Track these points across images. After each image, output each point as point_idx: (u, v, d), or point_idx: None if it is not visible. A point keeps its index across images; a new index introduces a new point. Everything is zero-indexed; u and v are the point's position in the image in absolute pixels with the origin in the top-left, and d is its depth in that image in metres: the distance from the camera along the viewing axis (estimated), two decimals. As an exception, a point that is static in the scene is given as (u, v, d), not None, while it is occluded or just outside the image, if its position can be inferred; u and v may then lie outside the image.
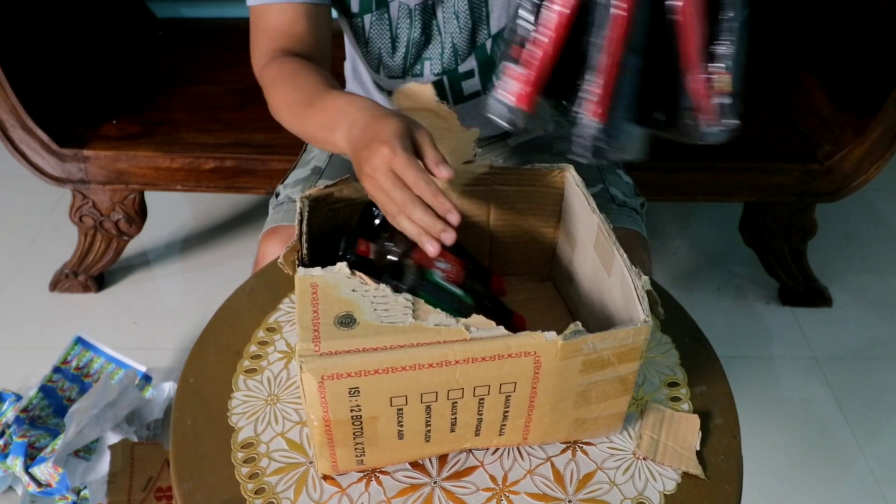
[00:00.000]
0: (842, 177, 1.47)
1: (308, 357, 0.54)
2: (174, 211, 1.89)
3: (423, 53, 0.99)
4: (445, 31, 0.97)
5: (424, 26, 0.96)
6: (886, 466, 1.36)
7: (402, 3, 0.94)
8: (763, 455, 1.36)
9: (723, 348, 0.79)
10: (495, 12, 0.96)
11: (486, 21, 0.97)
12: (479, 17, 0.96)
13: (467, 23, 0.96)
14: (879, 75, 1.40)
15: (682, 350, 0.76)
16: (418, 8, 0.94)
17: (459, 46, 0.98)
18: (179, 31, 1.86)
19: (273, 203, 1.07)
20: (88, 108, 1.55)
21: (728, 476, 0.65)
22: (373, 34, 0.97)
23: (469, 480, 0.64)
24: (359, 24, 0.97)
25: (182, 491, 0.63)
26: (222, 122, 1.53)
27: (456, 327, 0.57)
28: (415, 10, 0.94)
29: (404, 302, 0.59)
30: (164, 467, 1.15)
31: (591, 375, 0.60)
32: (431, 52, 0.99)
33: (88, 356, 1.44)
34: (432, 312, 0.59)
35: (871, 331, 1.64)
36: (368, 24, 0.96)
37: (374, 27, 0.97)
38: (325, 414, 0.57)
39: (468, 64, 1.01)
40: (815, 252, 1.66)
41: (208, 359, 0.74)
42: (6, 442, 1.25)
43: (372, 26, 0.97)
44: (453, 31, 0.97)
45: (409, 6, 0.94)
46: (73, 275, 1.64)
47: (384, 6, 0.94)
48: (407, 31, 0.96)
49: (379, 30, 0.97)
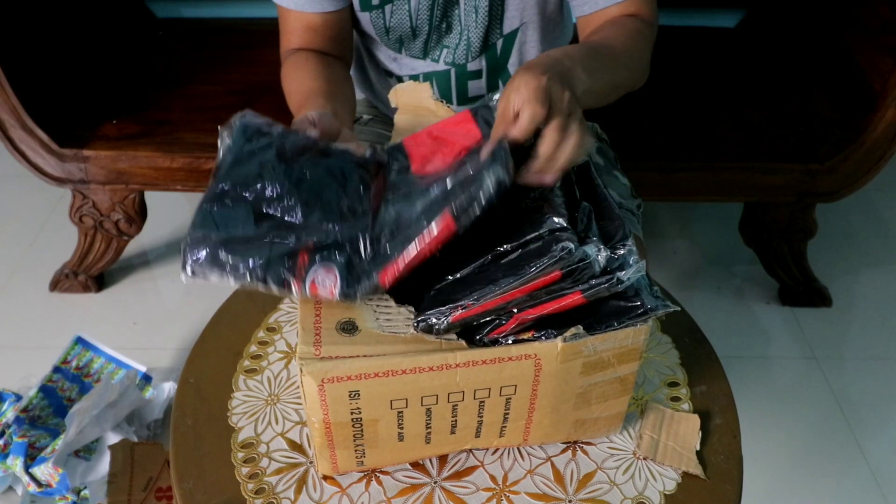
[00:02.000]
0: (842, 177, 1.47)
1: (309, 360, 0.54)
2: (174, 211, 1.89)
3: (443, 40, 1.00)
4: (465, 24, 0.97)
5: (444, 14, 0.96)
6: (886, 466, 1.36)
7: None
8: (763, 455, 1.36)
9: (723, 348, 0.79)
10: (509, 12, 0.96)
11: (501, 21, 0.97)
12: (495, 14, 0.97)
13: (485, 19, 0.96)
14: (879, 75, 1.40)
15: (682, 350, 0.76)
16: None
17: (473, 42, 0.99)
18: (179, 31, 1.86)
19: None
20: (88, 108, 1.55)
21: (728, 476, 0.65)
22: (393, 24, 0.98)
23: (469, 480, 0.64)
24: (379, 16, 0.98)
25: (182, 491, 0.63)
26: (222, 122, 1.52)
27: (457, 341, 0.57)
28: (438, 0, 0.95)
29: (406, 312, 0.58)
30: (164, 467, 1.15)
31: (591, 377, 0.60)
32: (450, 41, 1.00)
33: (88, 356, 1.44)
34: None
35: (871, 331, 1.64)
36: (389, 14, 0.97)
37: (395, 16, 0.97)
38: (326, 416, 0.57)
39: (478, 63, 1.01)
40: (815, 252, 1.66)
41: (208, 359, 0.74)
42: (6, 442, 1.25)
43: (393, 15, 0.97)
44: (471, 24, 0.97)
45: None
46: (73, 275, 1.64)
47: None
48: (427, 20, 0.97)
49: (400, 19, 0.97)
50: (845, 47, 1.55)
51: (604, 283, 0.55)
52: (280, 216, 0.62)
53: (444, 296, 0.58)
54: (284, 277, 0.58)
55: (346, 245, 0.60)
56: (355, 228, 0.61)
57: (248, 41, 1.77)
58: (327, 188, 0.65)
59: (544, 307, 0.56)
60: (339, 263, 0.59)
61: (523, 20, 0.98)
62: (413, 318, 0.58)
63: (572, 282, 0.55)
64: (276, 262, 0.58)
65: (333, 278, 0.58)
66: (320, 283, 0.58)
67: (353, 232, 0.61)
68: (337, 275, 0.58)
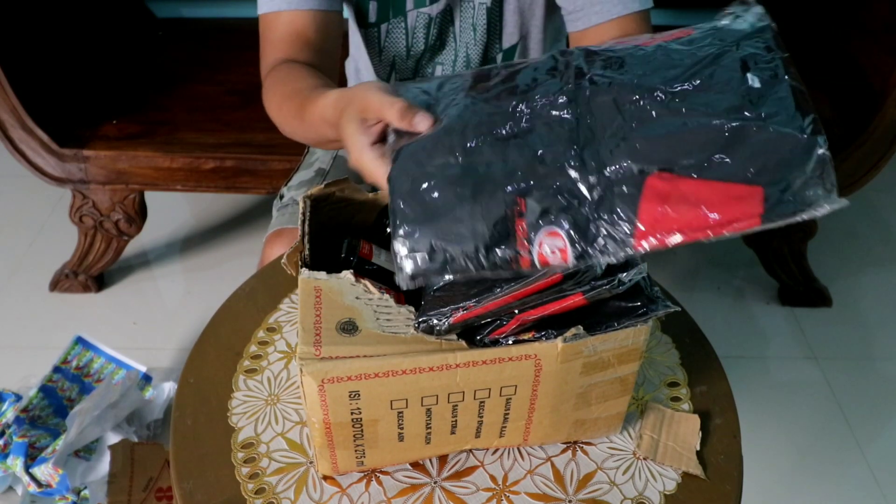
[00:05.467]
0: (842, 177, 1.47)
1: (309, 360, 0.54)
2: (174, 211, 1.89)
3: (436, 58, 0.99)
4: (461, 41, 0.97)
5: (441, 33, 0.96)
6: (886, 466, 1.36)
7: (420, 13, 0.94)
8: (763, 455, 1.36)
9: (723, 348, 0.79)
10: (508, 28, 0.96)
11: (500, 37, 0.97)
12: (494, 31, 0.96)
13: (483, 36, 0.96)
14: (879, 75, 1.40)
15: (682, 350, 0.76)
16: (438, 17, 0.94)
17: (473, 58, 0.98)
18: (179, 31, 1.86)
19: (277, 205, 1.06)
20: (88, 108, 1.55)
21: (728, 476, 0.65)
22: (388, 43, 0.97)
23: (469, 480, 0.64)
24: (374, 34, 0.97)
25: (182, 491, 0.63)
26: (222, 122, 1.53)
27: (457, 341, 0.57)
28: (435, 19, 0.94)
29: (407, 312, 0.58)
30: (164, 467, 1.15)
31: (591, 377, 0.60)
32: (444, 57, 0.99)
33: (88, 356, 1.44)
34: None
35: (871, 331, 1.64)
36: (384, 33, 0.96)
37: (391, 35, 0.96)
38: (326, 416, 0.57)
39: None
40: (815, 252, 1.66)
41: (208, 359, 0.74)
42: (6, 442, 1.25)
43: (388, 35, 0.96)
44: (468, 41, 0.97)
45: (431, 15, 0.94)
46: (73, 275, 1.64)
47: (402, 15, 0.94)
48: (423, 38, 0.96)
49: (395, 38, 0.97)
50: (845, 47, 1.55)
51: (605, 285, 0.55)
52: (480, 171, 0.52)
53: (445, 296, 0.58)
54: (508, 258, 0.51)
55: (563, 192, 0.50)
56: (563, 160, 0.50)
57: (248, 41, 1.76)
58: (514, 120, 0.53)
59: (545, 308, 0.56)
60: (561, 218, 0.50)
61: (522, 34, 0.98)
62: (413, 319, 0.58)
63: (574, 283, 0.55)
64: (494, 241, 0.51)
65: (562, 242, 0.50)
66: (548, 253, 0.50)
67: (562, 168, 0.50)
68: (563, 236, 0.50)
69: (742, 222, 0.47)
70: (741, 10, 0.55)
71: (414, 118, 0.55)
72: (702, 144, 0.48)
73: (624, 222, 0.49)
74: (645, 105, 0.50)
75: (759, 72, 0.49)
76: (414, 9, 0.93)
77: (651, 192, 0.48)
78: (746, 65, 0.50)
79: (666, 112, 0.50)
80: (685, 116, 0.49)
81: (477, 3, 0.94)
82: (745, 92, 0.49)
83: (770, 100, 0.49)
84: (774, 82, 0.49)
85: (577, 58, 0.55)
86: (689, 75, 0.50)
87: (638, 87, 0.51)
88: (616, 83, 0.52)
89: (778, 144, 0.47)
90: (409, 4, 0.93)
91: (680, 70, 0.51)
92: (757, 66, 0.50)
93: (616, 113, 0.51)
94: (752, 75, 0.49)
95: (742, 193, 0.47)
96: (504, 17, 0.95)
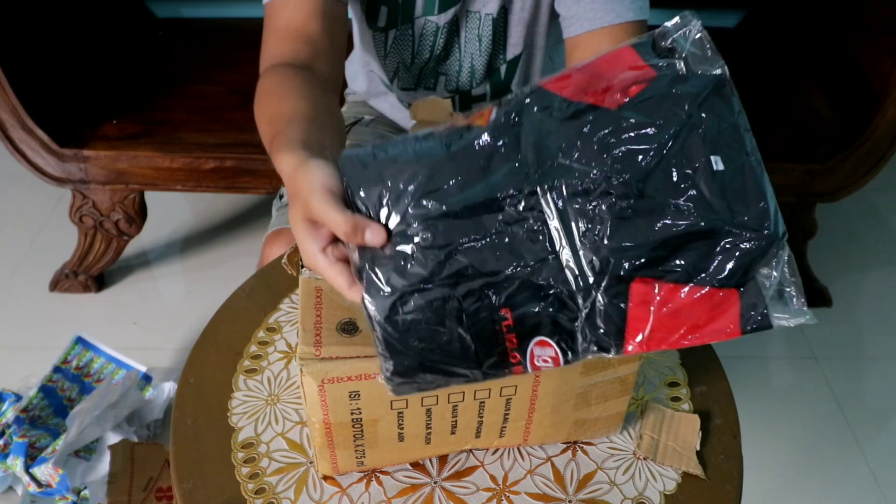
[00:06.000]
0: (842, 177, 1.47)
1: (309, 360, 0.54)
2: (174, 211, 1.89)
3: (439, 68, 0.99)
4: (465, 51, 0.97)
5: (447, 43, 0.96)
6: (886, 466, 1.36)
7: (428, 21, 0.94)
8: (763, 455, 1.36)
9: (723, 348, 0.79)
10: (512, 39, 0.96)
11: (504, 47, 0.97)
12: (498, 42, 0.96)
13: (488, 46, 0.96)
14: (879, 75, 1.40)
15: (682, 350, 0.76)
16: (446, 27, 0.94)
17: (477, 68, 0.98)
18: (179, 31, 1.86)
19: (276, 205, 1.06)
20: (88, 108, 1.55)
21: (728, 476, 0.65)
22: (393, 49, 0.97)
23: (469, 480, 0.64)
24: (381, 39, 0.97)
25: (182, 491, 0.63)
26: (222, 122, 1.53)
27: None
28: (442, 28, 0.94)
29: None
30: (164, 467, 1.14)
31: (591, 377, 0.60)
32: (448, 67, 0.99)
33: (88, 356, 1.44)
34: None
35: (871, 331, 1.64)
36: (391, 39, 0.96)
37: (397, 41, 0.96)
38: (326, 416, 0.57)
39: (482, 88, 1.01)
40: (815, 252, 1.66)
41: (208, 359, 0.74)
42: (6, 442, 1.25)
43: (395, 41, 0.96)
44: (473, 51, 0.97)
45: (438, 24, 0.94)
46: (73, 275, 1.64)
47: (409, 22, 0.94)
48: (429, 47, 0.96)
49: (401, 44, 0.96)
50: (845, 47, 1.55)
51: None
52: (460, 289, 0.49)
53: None
54: (500, 373, 0.51)
55: (547, 299, 0.49)
56: (544, 268, 0.49)
57: (248, 41, 1.76)
58: (478, 211, 0.49)
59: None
60: (549, 329, 0.49)
61: (526, 44, 0.98)
62: None
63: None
64: (484, 357, 0.50)
65: (552, 351, 0.50)
66: (540, 362, 0.50)
67: (544, 271, 0.49)
68: (554, 346, 0.50)
69: (722, 335, 0.51)
70: (684, 31, 0.56)
71: (365, 234, 0.49)
72: (678, 246, 0.49)
73: (612, 336, 0.50)
74: (617, 205, 0.49)
75: (722, 151, 0.50)
76: (423, 16, 0.93)
77: (637, 299, 0.49)
78: (712, 145, 0.49)
79: (640, 211, 0.49)
80: (660, 216, 0.49)
81: (483, 14, 0.94)
82: (710, 178, 0.49)
83: (734, 189, 0.50)
84: (739, 159, 0.50)
85: (535, 135, 0.51)
86: (656, 163, 0.49)
87: (607, 179, 0.49)
88: (588, 179, 0.49)
89: (748, 247, 0.51)
90: (417, 11, 0.93)
91: (647, 158, 0.49)
92: (719, 143, 0.50)
93: (592, 215, 0.49)
94: (715, 158, 0.49)
95: (720, 301, 0.50)
96: (509, 28, 0.95)
